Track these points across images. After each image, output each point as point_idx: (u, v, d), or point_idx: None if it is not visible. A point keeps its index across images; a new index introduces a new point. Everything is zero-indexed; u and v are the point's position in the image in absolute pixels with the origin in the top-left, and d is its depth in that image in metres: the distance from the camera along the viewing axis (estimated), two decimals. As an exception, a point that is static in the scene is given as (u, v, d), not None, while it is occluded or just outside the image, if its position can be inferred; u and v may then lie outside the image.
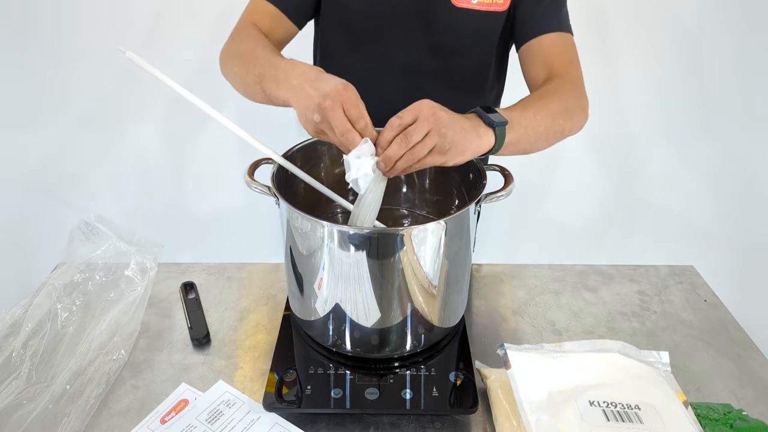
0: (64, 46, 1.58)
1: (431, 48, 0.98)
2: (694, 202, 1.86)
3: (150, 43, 1.59)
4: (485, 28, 0.96)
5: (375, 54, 1.01)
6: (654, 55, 1.66)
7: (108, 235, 0.92)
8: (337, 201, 0.79)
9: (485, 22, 0.96)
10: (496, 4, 0.94)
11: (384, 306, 0.74)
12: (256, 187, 0.78)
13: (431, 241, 0.71)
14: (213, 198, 1.85)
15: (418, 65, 1.00)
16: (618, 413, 0.70)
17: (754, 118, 1.73)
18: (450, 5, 0.94)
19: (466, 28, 0.96)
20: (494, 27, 0.97)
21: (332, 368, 0.79)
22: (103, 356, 0.83)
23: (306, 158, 0.88)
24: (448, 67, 1.00)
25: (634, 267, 1.08)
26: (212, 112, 0.73)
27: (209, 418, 0.75)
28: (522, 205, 1.87)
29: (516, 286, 1.02)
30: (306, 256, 0.75)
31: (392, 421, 0.75)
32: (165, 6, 1.56)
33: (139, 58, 0.69)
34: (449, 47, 0.98)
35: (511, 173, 0.80)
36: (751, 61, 1.65)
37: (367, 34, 0.99)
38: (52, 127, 1.70)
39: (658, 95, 1.72)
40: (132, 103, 1.67)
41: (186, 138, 1.72)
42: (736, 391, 0.81)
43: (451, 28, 0.96)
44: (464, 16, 0.94)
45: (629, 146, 1.80)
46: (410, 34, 0.97)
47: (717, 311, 0.97)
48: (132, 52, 0.69)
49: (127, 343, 0.85)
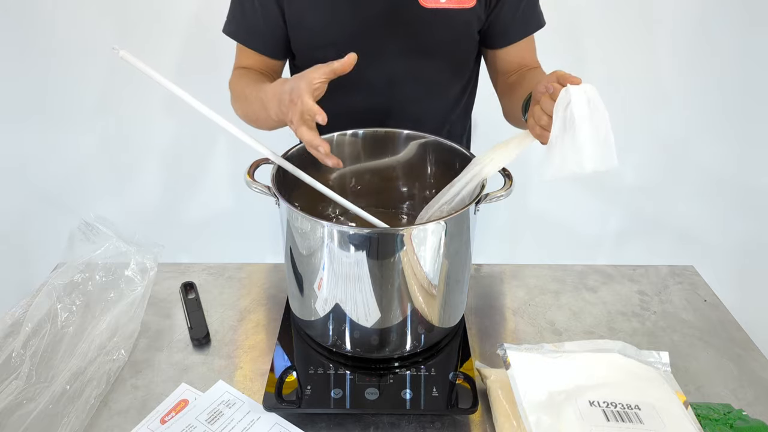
0: (63, 45, 1.58)
1: (406, 52, 0.97)
2: (694, 202, 1.85)
3: (149, 42, 1.59)
4: (457, 25, 0.96)
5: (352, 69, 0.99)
6: (654, 55, 1.66)
7: (108, 235, 0.92)
8: (338, 201, 0.79)
9: (456, 20, 0.95)
10: (464, 2, 0.93)
11: (384, 306, 0.74)
12: (256, 187, 0.78)
13: (431, 241, 0.71)
14: (213, 198, 1.85)
15: (395, 71, 0.99)
16: (618, 413, 0.70)
17: (755, 118, 1.73)
18: (418, 6, 0.93)
19: (438, 27, 0.95)
20: (466, 24, 0.96)
21: (332, 368, 0.79)
22: (103, 356, 0.83)
23: (306, 158, 0.88)
24: (424, 70, 1.00)
25: (634, 267, 1.08)
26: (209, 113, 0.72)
27: (209, 419, 0.75)
28: (522, 205, 1.87)
29: (516, 286, 1.02)
30: (306, 256, 0.75)
31: (392, 421, 0.75)
32: (164, 5, 1.56)
33: (132, 57, 0.68)
34: (424, 49, 0.98)
35: (511, 173, 0.80)
36: (752, 61, 1.65)
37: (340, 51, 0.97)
38: (52, 127, 1.69)
39: (658, 95, 1.71)
40: (132, 102, 1.67)
41: (186, 137, 1.72)
42: (736, 391, 0.81)
43: (424, 29, 0.95)
44: (435, 16, 0.94)
45: (629, 146, 1.80)
46: (383, 41, 0.96)
47: (717, 311, 0.97)
48: (126, 51, 0.67)
49: (127, 343, 0.85)
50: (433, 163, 0.92)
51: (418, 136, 0.91)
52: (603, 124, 0.67)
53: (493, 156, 0.76)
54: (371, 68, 0.97)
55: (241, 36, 1.01)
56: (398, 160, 0.94)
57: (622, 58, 1.66)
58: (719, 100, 1.71)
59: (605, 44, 1.63)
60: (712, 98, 1.71)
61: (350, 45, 0.96)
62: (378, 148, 0.93)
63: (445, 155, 0.89)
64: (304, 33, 0.97)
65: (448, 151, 0.89)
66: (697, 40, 1.63)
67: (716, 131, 1.75)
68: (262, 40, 0.99)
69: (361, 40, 0.95)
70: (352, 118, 0.91)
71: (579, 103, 0.66)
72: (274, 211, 0.79)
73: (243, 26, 1.00)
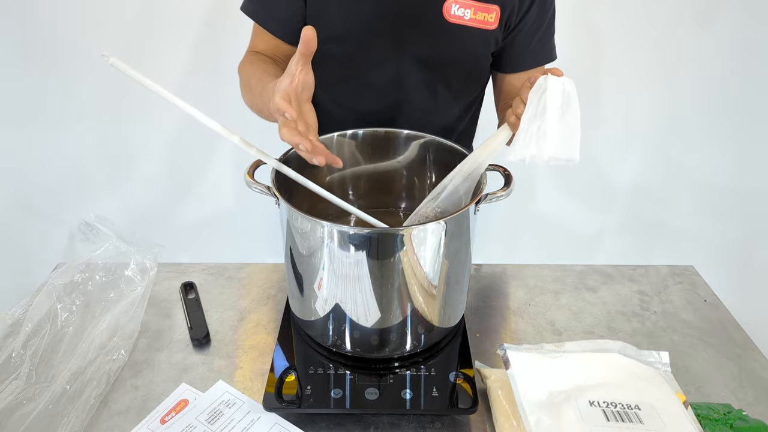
0: (63, 46, 1.58)
1: (420, 60, 0.97)
2: (694, 202, 1.86)
3: (146, 46, 1.59)
4: (476, 44, 0.96)
5: (364, 67, 0.98)
6: (654, 56, 1.66)
7: (108, 235, 0.92)
8: (335, 202, 0.78)
9: (475, 39, 0.95)
10: (487, 22, 0.93)
11: (384, 306, 0.74)
12: (256, 187, 0.78)
13: (431, 241, 0.71)
14: (213, 198, 1.85)
15: (408, 78, 0.99)
16: (618, 413, 0.70)
17: (755, 118, 1.73)
18: (442, 19, 0.92)
19: (457, 42, 0.95)
20: (483, 44, 0.96)
21: (332, 368, 0.79)
22: (103, 356, 0.83)
23: (304, 160, 0.87)
24: (435, 80, 0.99)
25: (634, 267, 1.08)
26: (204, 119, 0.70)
27: (209, 419, 0.75)
28: (522, 205, 1.87)
29: (516, 286, 1.02)
30: (306, 256, 0.75)
31: (392, 421, 0.75)
32: (163, 7, 1.56)
33: (123, 64, 0.66)
34: (439, 60, 0.97)
35: (511, 173, 0.80)
36: (753, 61, 1.65)
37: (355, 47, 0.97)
38: (51, 127, 1.69)
39: (658, 95, 1.71)
40: (132, 102, 1.66)
41: (186, 138, 1.72)
42: (736, 391, 0.81)
43: (443, 41, 0.95)
44: (456, 31, 0.93)
45: (629, 146, 1.80)
46: (399, 46, 0.96)
47: (717, 311, 0.97)
48: (116, 58, 0.65)
49: (127, 343, 0.85)
50: (433, 163, 0.93)
51: (417, 136, 0.91)
52: (573, 118, 0.70)
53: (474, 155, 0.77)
54: (382, 70, 0.98)
55: (260, 15, 0.98)
56: (398, 160, 0.94)
57: (622, 59, 1.66)
58: (720, 100, 1.71)
59: (605, 44, 1.63)
60: (713, 98, 1.71)
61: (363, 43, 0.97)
62: (378, 149, 0.93)
63: (445, 155, 0.89)
64: (320, 22, 0.96)
65: (448, 151, 0.89)
66: (698, 40, 1.63)
67: (717, 131, 1.75)
68: (282, 23, 0.97)
69: (375, 41, 0.95)
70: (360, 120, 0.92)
71: (554, 93, 0.69)
72: (274, 211, 0.79)
73: (262, 6, 0.98)
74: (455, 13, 0.92)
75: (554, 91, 0.69)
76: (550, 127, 0.69)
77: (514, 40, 0.98)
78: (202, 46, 1.57)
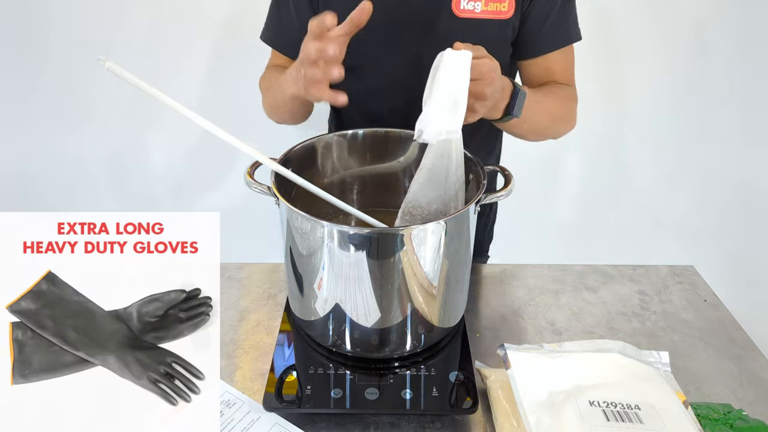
0: (63, 45, 1.58)
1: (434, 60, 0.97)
2: (694, 202, 1.86)
3: (146, 45, 1.59)
4: (491, 36, 0.93)
5: (375, 68, 0.98)
6: (654, 56, 1.66)
7: (108, 235, 0.91)
8: (334, 203, 0.78)
9: (491, 30, 0.93)
10: (500, 12, 0.91)
11: (384, 306, 0.74)
12: (256, 187, 0.78)
13: (431, 241, 0.71)
14: (213, 198, 1.85)
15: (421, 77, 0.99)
16: (618, 413, 0.70)
17: (755, 118, 1.73)
18: (452, 15, 0.91)
19: (472, 38, 0.93)
20: (500, 35, 0.94)
21: (332, 368, 0.79)
22: (103, 356, 0.83)
23: (304, 160, 0.88)
24: None
25: (634, 267, 1.08)
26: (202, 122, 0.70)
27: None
28: (522, 205, 1.86)
29: (516, 286, 1.02)
30: (306, 256, 0.75)
31: (392, 421, 0.75)
32: (167, 12, 1.56)
33: (119, 68, 0.66)
34: None
35: (511, 173, 0.80)
36: (752, 61, 1.65)
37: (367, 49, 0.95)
38: (51, 127, 1.70)
39: (658, 95, 1.71)
40: (132, 102, 1.67)
41: (186, 137, 1.72)
42: (736, 391, 0.81)
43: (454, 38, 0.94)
44: (468, 26, 0.92)
45: (629, 145, 1.80)
46: (412, 52, 0.95)
47: (717, 311, 0.97)
48: (112, 62, 0.65)
49: (127, 343, 0.85)
50: (433, 163, 0.92)
51: (418, 136, 0.91)
52: (461, 90, 0.69)
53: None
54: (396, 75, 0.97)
55: (277, 43, 1.02)
56: (398, 160, 0.94)
57: (622, 58, 1.66)
58: (721, 99, 1.71)
59: (604, 44, 1.63)
60: (713, 97, 1.71)
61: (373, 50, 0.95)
62: (378, 149, 0.93)
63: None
64: None
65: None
66: (698, 40, 1.63)
67: (717, 131, 1.75)
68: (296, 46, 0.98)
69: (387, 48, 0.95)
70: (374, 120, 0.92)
71: (446, 66, 0.69)
72: (274, 211, 0.79)
73: (279, 34, 1.01)
74: (465, 7, 0.90)
75: (446, 65, 0.69)
76: (437, 102, 0.70)
77: (524, 22, 0.94)
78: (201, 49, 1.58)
